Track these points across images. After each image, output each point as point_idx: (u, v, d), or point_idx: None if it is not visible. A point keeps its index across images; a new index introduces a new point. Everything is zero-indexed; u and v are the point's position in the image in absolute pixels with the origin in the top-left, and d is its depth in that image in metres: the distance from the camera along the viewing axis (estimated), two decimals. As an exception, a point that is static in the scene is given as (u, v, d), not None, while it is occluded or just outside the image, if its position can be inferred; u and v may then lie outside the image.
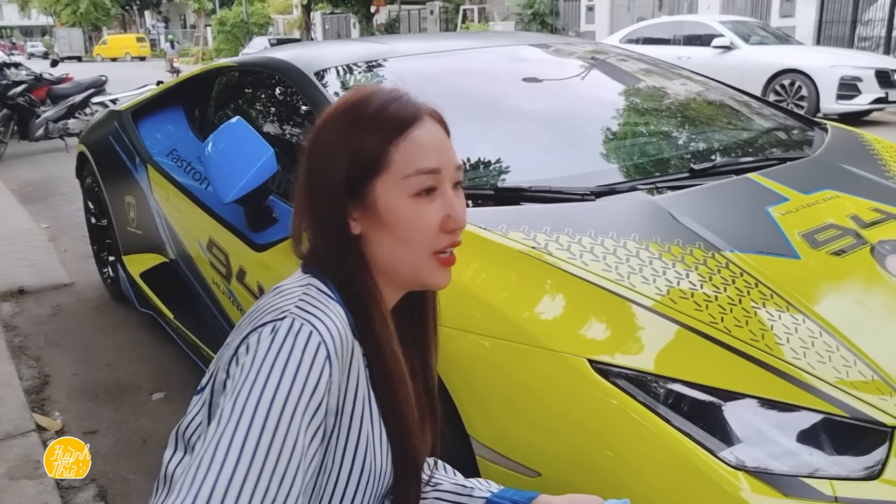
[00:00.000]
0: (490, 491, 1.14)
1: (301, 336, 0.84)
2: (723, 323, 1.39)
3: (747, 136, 2.49)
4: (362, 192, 0.94)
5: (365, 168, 0.93)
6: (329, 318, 0.88)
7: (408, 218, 0.93)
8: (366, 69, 2.49)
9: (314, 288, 0.92)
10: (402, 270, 0.97)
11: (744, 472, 1.19)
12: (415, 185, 0.93)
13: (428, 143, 0.94)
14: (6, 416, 2.74)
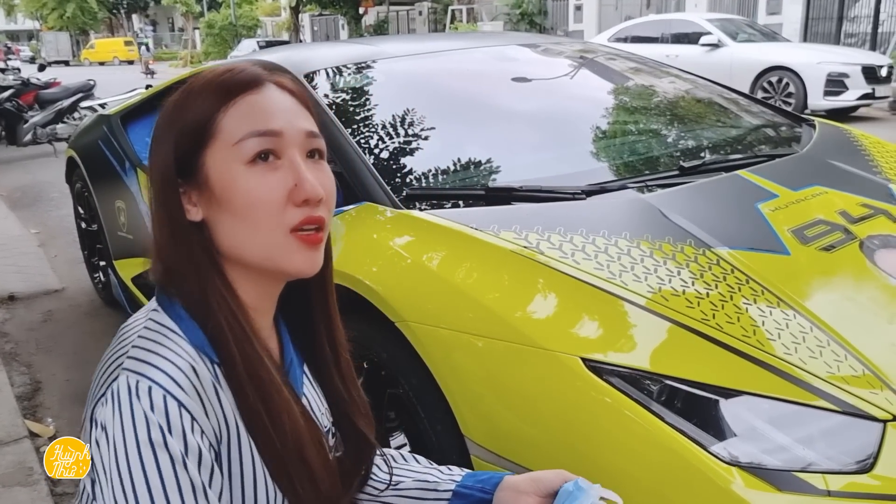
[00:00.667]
0: (455, 480, 1.06)
1: (141, 396, 0.73)
2: (714, 320, 1.39)
3: (736, 133, 2.50)
4: (193, 169, 0.83)
5: (192, 140, 0.82)
6: (167, 361, 0.76)
7: (245, 190, 0.81)
8: (356, 70, 2.49)
9: (154, 321, 0.81)
10: (254, 255, 0.83)
11: (737, 468, 1.20)
12: (248, 149, 0.81)
13: (266, 106, 0.83)
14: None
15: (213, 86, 0.84)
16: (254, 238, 0.82)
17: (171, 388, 0.74)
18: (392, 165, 2.06)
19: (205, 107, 0.83)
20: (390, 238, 1.76)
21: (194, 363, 0.78)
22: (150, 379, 0.74)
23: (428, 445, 1.54)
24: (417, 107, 2.31)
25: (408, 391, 1.56)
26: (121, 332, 0.83)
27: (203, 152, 0.82)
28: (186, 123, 0.83)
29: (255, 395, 0.80)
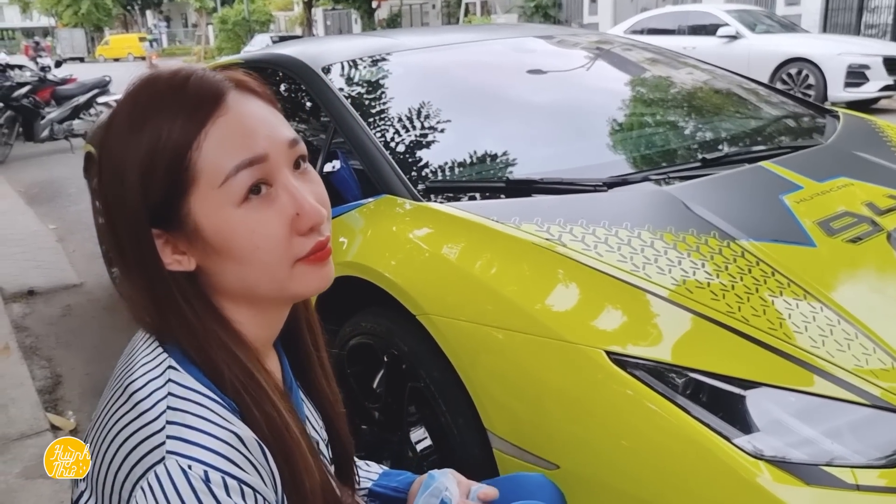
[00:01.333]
0: (371, 479, 1.08)
1: (199, 482, 0.65)
2: (740, 312, 1.38)
3: (758, 124, 2.47)
4: (175, 217, 0.71)
5: (167, 185, 0.70)
6: (211, 437, 0.67)
7: (246, 235, 0.71)
8: (372, 63, 2.48)
9: (177, 385, 0.70)
10: (266, 292, 0.76)
11: (764, 461, 1.19)
12: (238, 187, 0.70)
13: (242, 124, 0.72)
14: (20, 416, 2.75)
15: (173, 107, 0.70)
16: (262, 277, 0.74)
17: (226, 467, 0.66)
18: (410, 158, 2.05)
19: (173, 141, 0.69)
20: (410, 230, 1.75)
21: (237, 429, 0.69)
22: (204, 462, 0.66)
23: (449, 439, 1.54)
24: (434, 99, 2.30)
25: (429, 384, 1.55)
26: (133, 392, 0.71)
27: (185, 199, 0.71)
28: (153, 163, 0.69)
29: (279, 455, 0.73)
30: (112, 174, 0.72)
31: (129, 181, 0.70)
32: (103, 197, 0.73)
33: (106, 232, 0.75)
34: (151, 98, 0.72)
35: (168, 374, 0.71)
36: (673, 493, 1.24)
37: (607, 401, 1.30)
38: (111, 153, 0.72)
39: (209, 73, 0.74)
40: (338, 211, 2.00)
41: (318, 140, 2.32)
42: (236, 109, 0.72)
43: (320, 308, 1.93)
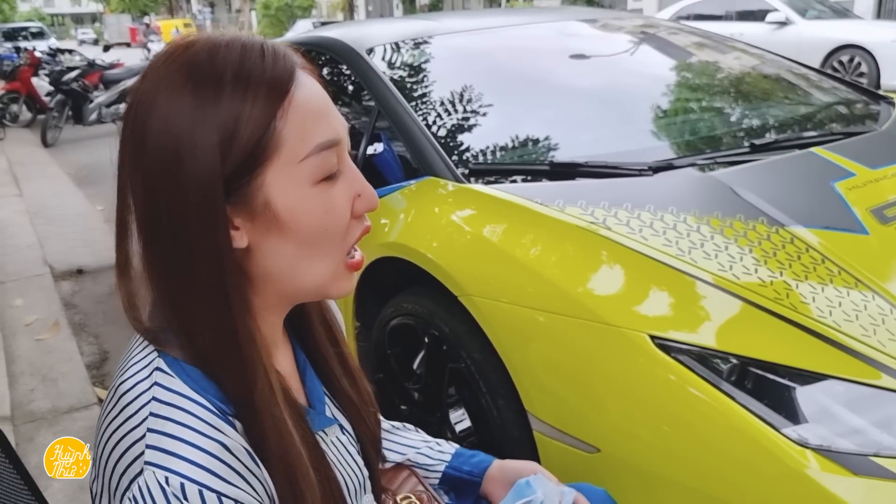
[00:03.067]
0: (444, 461, 1.06)
1: (176, 495, 0.62)
2: (788, 299, 1.35)
3: (809, 110, 2.41)
4: (246, 189, 0.67)
5: (246, 155, 0.66)
6: (193, 447, 0.64)
7: (318, 213, 0.69)
8: (415, 46, 2.48)
9: (163, 389, 0.66)
10: (306, 283, 0.73)
11: (812, 451, 1.16)
12: (318, 167, 0.69)
13: (318, 105, 0.70)
14: (69, 390, 2.83)
15: (253, 76, 0.66)
16: (314, 267, 0.72)
17: (205, 479, 0.63)
18: (453, 141, 2.04)
19: (256, 110, 0.66)
20: (452, 212, 1.75)
21: (223, 437, 0.66)
22: (181, 474, 0.63)
23: (489, 420, 1.54)
24: (477, 82, 2.29)
25: (470, 366, 1.56)
26: (122, 396, 0.67)
27: (262, 171, 0.67)
28: (236, 133, 0.65)
29: (280, 463, 0.69)
30: (172, 151, 0.65)
31: (206, 146, 0.64)
32: (148, 173, 0.66)
33: (145, 217, 0.68)
34: (224, 69, 0.66)
35: (154, 376, 0.67)
36: (715, 481, 1.22)
37: (650, 385, 1.29)
38: (165, 128, 0.65)
39: (276, 44, 0.71)
40: (380, 193, 2.00)
41: (361, 122, 2.33)
42: (308, 87, 0.70)
43: (362, 289, 1.97)
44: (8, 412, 2.65)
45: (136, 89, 0.68)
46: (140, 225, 0.69)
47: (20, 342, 3.32)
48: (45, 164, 7.90)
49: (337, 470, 0.81)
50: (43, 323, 3.50)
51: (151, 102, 0.66)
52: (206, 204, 0.65)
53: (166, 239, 0.67)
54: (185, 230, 0.66)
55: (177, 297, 0.68)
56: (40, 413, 2.67)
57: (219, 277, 0.67)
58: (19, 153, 8.51)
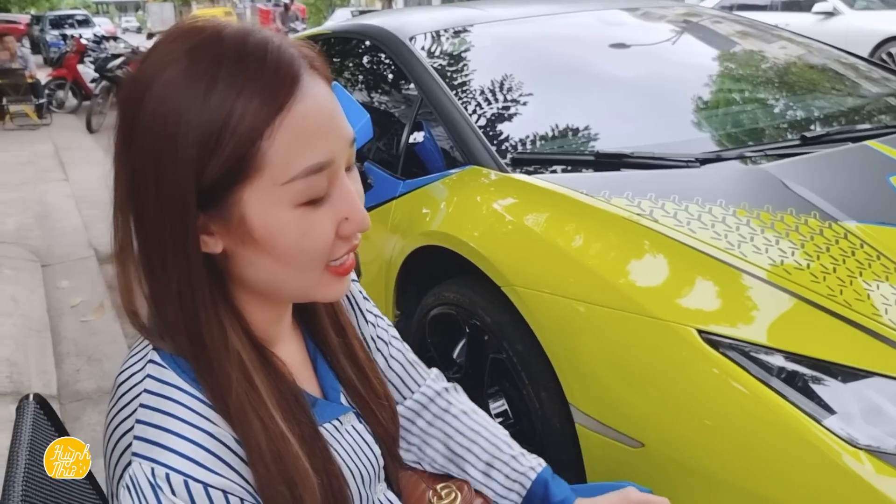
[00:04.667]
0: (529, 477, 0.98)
1: (162, 486, 0.62)
2: (842, 296, 1.32)
3: (859, 101, 2.35)
4: (222, 201, 0.64)
5: (226, 171, 0.62)
6: (180, 438, 0.64)
7: (294, 236, 0.65)
8: (456, 34, 2.47)
9: (154, 380, 0.66)
10: (287, 291, 0.72)
11: (865, 452, 1.14)
12: (303, 192, 0.64)
13: (317, 122, 0.65)
14: (114, 371, 2.86)
15: (248, 82, 0.62)
16: (291, 279, 0.69)
17: (190, 470, 0.63)
18: (495, 129, 2.03)
19: (246, 123, 0.61)
20: (495, 200, 1.74)
21: (211, 426, 0.65)
22: (166, 465, 0.62)
23: (530, 412, 1.53)
24: (518, 71, 2.27)
25: (511, 356, 1.55)
26: (119, 387, 0.68)
27: (240, 187, 0.63)
28: (218, 142, 0.61)
29: (273, 463, 0.67)
30: (161, 140, 0.62)
31: (185, 155, 0.61)
32: (135, 164, 0.64)
33: (130, 202, 0.66)
34: (220, 62, 0.62)
35: (147, 368, 0.67)
36: (762, 479, 1.20)
37: (697, 380, 1.27)
38: (161, 113, 0.62)
39: (284, 44, 0.65)
40: (421, 182, 2.01)
41: (401, 111, 2.33)
42: (311, 98, 0.64)
43: (403, 277, 1.97)
44: (55, 391, 2.71)
45: (133, 73, 0.65)
46: (127, 217, 0.67)
47: (66, 323, 3.40)
48: (90, 149, 8.06)
49: (349, 460, 0.80)
50: (88, 305, 3.58)
51: (144, 90, 0.63)
52: (178, 211, 0.63)
53: (145, 235, 0.66)
54: (159, 230, 0.64)
55: (154, 294, 0.67)
56: (86, 393, 2.73)
57: (188, 281, 0.65)
58: (65, 139, 8.70)
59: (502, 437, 1.01)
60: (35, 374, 2.81)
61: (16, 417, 0.92)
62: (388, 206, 2.08)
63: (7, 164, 7.13)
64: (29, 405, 0.94)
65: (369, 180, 2.15)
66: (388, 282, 2.01)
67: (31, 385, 2.68)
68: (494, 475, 0.98)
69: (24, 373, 2.81)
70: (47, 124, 9.73)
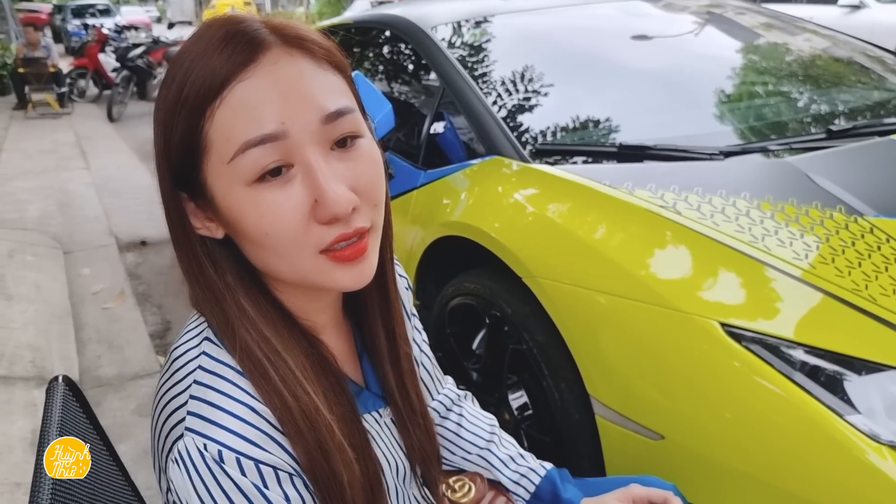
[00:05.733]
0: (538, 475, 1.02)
1: (212, 461, 0.63)
2: (867, 291, 1.30)
3: (888, 95, 2.32)
4: (195, 183, 0.66)
5: (184, 152, 0.65)
6: (230, 415, 0.65)
7: (253, 217, 0.64)
8: (478, 25, 2.46)
9: (208, 357, 0.68)
10: (288, 277, 0.69)
11: (888, 448, 1.13)
12: (248, 167, 0.63)
13: (264, 95, 0.62)
14: (134, 357, 2.92)
15: (201, 60, 0.63)
16: (280, 262, 0.67)
17: (242, 448, 0.64)
18: (517, 120, 2.02)
19: (189, 102, 0.63)
20: (517, 191, 1.74)
21: (260, 405, 0.67)
22: (218, 442, 0.64)
23: (550, 403, 1.53)
24: (540, 62, 2.25)
25: (532, 347, 1.55)
26: (173, 360, 0.70)
27: (199, 169, 0.65)
28: (172, 123, 0.64)
29: (311, 440, 0.68)
30: (154, 127, 0.68)
31: (158, 136, 0.67)
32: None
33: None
34: (188, 48, 0.66)
35: (203, 346, 0.69)
36: (783, 472, 1.19)
37: (719, 373, 1.26)
38: (156, 109, 0.68)
39: (253, 24, 0.65)
40: (442, 172, 2.01)
41: (422, 101, 2.33)
42: (266, 73, 0.63)
43: (423, 267, 1.97)
44: (76, 376, 2.75)
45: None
46: None
47: (88, 310, 3.44)
48: (111, 138, 8.13)
49: (387, 451, 0.81)
50: (109, 292, 3.62)
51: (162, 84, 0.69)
52: (168, 190, 0.69)
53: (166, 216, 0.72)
54: (166, 210, 0.70)
55: (184, 274, 0.72)
56: (107, 379, 2.77)
57: (196, 262, 0.70)
58: (86, 127, 8.77)
59: (512, 440, 1.08)
60: (57, 359, 2.85)
61: (45, 398, 0.93)
62: (408, 197, 2.08)
63: (29, 153, 7.21)
64: (58, 386, 0.95)
65: (390, 170, 2.15)
66: (407, 272, 2.02)
67: (53, 370, 2.72)
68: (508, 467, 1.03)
69: (46, 358, 2.85)
70: (68, 113, 9.83)
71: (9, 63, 10.93)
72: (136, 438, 2.31)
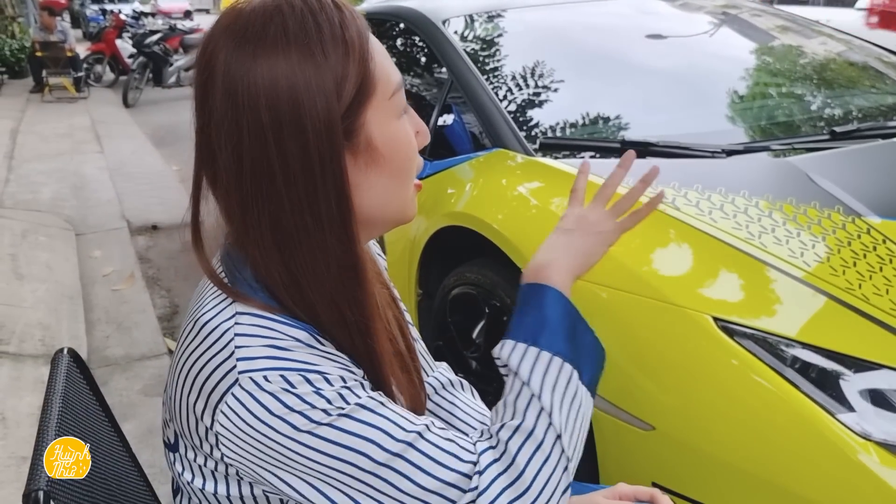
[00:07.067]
0: None
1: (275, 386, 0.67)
2: (860, 290, 1.32)
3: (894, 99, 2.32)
4: (350, 132, 0.71)
5: (354, 97, 0.70)
6: (275, 348, 0.69)
7: (404, 145, 0.76)
8: (489, 19, 2.48)
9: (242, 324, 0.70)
10: (391, 212, 0.78)
11: (872, 443, 1.15)
12: (399, 102, 0.75)
13: (385, 52, 0.76)
14: (142, 339, 2.96)
15: (346, 29, 0.70)
16: (399, 194, 0.77)
17: (302, 366, 0.68)
18: (524, 114, 2.04)
19: (355, 55, 0.70)
20: (520, 184, 1.76)
21: (305, 335, 0.71)
22: (278, 368, 0.67)
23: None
24: (550, 58, 2.27)
25: (529, 337, 1.57)
26: (202, 329, 0.71)
27: (364, 108, 0.71)
28: (344, 76, 0.69)
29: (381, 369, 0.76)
30: (288, 95, 0.67)
31: (321, 97, 0.67)
32: (256, 122, 0.67)
33: (253, 162, 0.68)
34: (304, 23, 0.69)
35: (236, 318, 0.71)
36: (770, 465, 1.21)
37: (710, 367, 1.28)
38: (279, 77, 0.67)
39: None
40: (447, 163, 2.03)
41: (431, 93, 2.35)
42: (373, 37, 0.74)
43: (427, 257, 2.00)
44: (85, 356, 2.79)
45: (218, 63, 0.69)
46: (239, 179, 0.69)
47: (97, 291, 3.49)
48: (126, 123, 8.20)
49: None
50: (119, 274, 3.67)
51: (249, 69, 0.67)
52: (328, 143, 0.68)
53: (279, 186, 0.68)
54: (307, 172, 0.68)
55: (289, 247, 0.70)
56: (114, 359, 2.81)
57: (345, 214, 0.70)
58: (102, 112, 8.85)
59: None
60: (67, 338, 2.90)
61: (50, 369, 0.96)
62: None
63: (45, 136, 7.28)
64: (63, 358, 0.98)
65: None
66: (411, 261, 2.04)
67: (62, 349, 2.76)
68: None
69: (56, 337, 2.90)
70: (85, 98, 9.91)
71: (27, 46, 11.03)
72: (141, 418, 2.35)
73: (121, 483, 0.97)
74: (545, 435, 0.73)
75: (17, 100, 9.68)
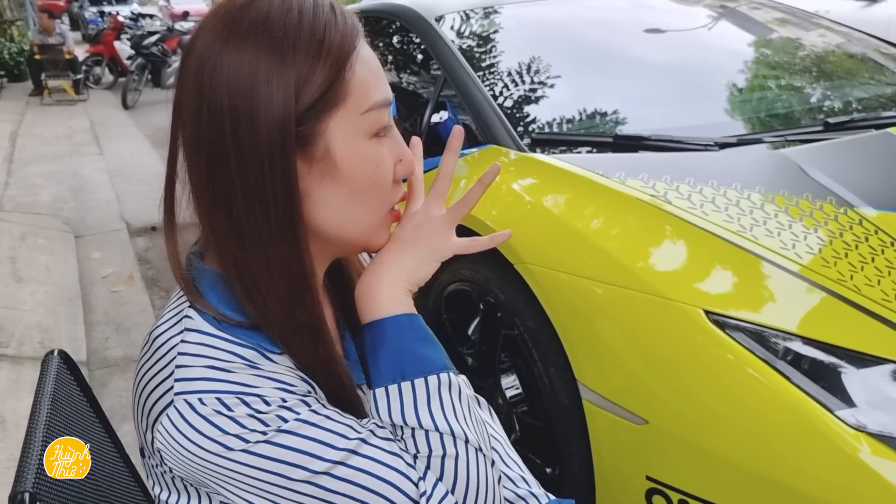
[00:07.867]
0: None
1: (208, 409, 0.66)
2: (852, 281, 1.32)
3: (891, 90, 2.31)
4: (309, 136, 0.69)
5: (317, 100, 0.68)
6: (216, 369, 0.68)
7: (370, 167, 0.71)
8: (484, 15, 2.47)
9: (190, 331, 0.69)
10: (349, 234, 0.75)
11: (864, 434, 1.14)
12: (375, 122, 0.71)
13: (377, 66, 0.73)
14: (141, 340, 2.96)
15: (328, 29, 0.69)
16: (363, 216, 0.74)
17: (238, 388, 0.67)
18: (517, 111, 2.04)
19: (329, 60, 0.68)
20: (513, 180, 1.76)
21: (241, 352, 0.69)
22: (214, 391, 0.66)
23: (540, 388, 1.56)
24: (544, 53, 2.27)
25: (523, 333, 1.57)
26: (153, 342, 0.71)
27: (328, 116, 0.69)
28: (310, 79, 0.67)
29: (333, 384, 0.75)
30: (247, 92, 0.66)
31: (276, 96, 0.66)
32: (217, 107, 0.67)
33: (208, 162, 0.69)
34: (299, 19, 0.68)
35: (184, 322, 0.70)
36: (764, 458, 1.21)
37: (703, 361, 1.28)
38: (237, 72, 0.66)
39: (337, 4, 0.73)
40: (443, 160, 2.03)
41: (426, 90, 2.35)
42: (367, 48, 0.72)
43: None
44: (84, 357, 2.80)
45: (198, 42, 0.69)
46: (197, 157, 0.70)
47: (97, 293, 3.49)
48: (125, 125, 8.21)
49: None
50: (118, 276, 3.67)
51: (219, 52, 0.67)
52: (279, 140, 0.66)
53: (233, 171, 0.67)
54: (256, 165, 0.67)
55: (242, 236, 0.69)
56: (113, 360, 2.82)
57: (293, 216, 0.69)
58: (101, 114, 8.86)
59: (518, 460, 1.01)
60: (66, 340, 2.90)
61: (40, 372, 0.96)
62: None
63: (44, 138, 7.29)
64: (53, 360, 0.98)
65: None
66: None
67: (62, 351, 2.77)
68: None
69: (55, 339, 2.90)
70: (84, 100, 9.92)
71: (26, 49, 11.04)
72: (140, 418, 2.35)
73: (112, 485, 0.97)
74: (465, 449, 0.73)
75: (17, 103, 9.69)
